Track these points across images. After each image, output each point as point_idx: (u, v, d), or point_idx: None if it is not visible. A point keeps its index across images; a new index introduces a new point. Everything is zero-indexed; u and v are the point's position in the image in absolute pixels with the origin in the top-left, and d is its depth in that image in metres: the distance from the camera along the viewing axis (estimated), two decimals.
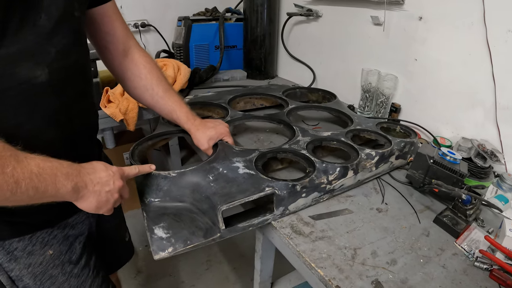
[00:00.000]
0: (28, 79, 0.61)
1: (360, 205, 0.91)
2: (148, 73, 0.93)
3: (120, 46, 0.89)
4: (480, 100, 1.12)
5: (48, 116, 0.67)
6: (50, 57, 0.63)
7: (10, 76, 0.58)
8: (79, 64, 0.73)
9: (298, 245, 0.76)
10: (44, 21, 0.60)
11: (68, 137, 0.74)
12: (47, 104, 0.66)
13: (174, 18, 1.99)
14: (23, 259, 0.74)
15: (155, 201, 0.83)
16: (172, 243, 0.73)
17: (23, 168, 0.54)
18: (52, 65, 0.64)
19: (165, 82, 0.97)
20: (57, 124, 0.70)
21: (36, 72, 0.62)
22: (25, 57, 0.59)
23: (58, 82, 0.66)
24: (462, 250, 0.79)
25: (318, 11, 1.68)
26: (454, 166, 0.91)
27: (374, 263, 0.73)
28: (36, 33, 0.59)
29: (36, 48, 0.60)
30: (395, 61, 1.38)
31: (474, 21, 1.08)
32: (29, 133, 0.64)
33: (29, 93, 0.62)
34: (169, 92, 0.97)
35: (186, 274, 1.92)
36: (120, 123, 1.48)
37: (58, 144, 0.71)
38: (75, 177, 0.62)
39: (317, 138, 1.03)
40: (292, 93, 1.47)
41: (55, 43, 0.64)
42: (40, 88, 0.63)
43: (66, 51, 0.67)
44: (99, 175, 0.66)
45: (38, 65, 0.62)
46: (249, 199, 0.75)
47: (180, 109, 0.98)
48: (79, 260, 0.84)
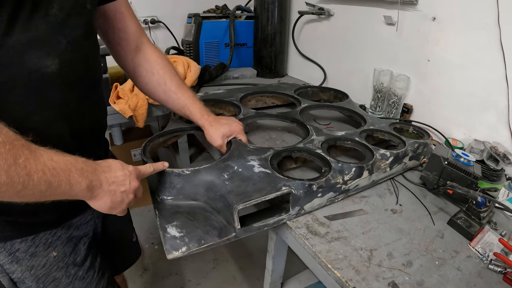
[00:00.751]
0: (38, 68, 0.59)
1: (375, 205, 0.90)
2: (161, 69, 0.92)
3: (133, 42, 0.88)
4: (493, 102, 1.11)
5: (57, 108, 0.65)
6: (61, 47, 0.62)
7: (19, 64, 0.56)
8: (90, 58, 0.72)
9: (314, 245, 0.75)
10: (55, 11, 0.59)
11: (76, 132, 0.71)
12: (56, 95, 0.64)
13: (184, 15, 1.98)
14: (25, 261, 0.72)
15: (168, 199, 0.83)
16: (186, 242, 0.72)
17: (36, 160, 0.51)
18: (63, 56, 0.62)
19: (178, 77, 0.96)
20: (66, 117, 0.68)
21: (46, 62, 0.59)
22: (36, 45, 0.57)
23: (68, 73, 0.64)
24: (476, 252, 0.78)
25: (330, 10, 1.67)
26: (468, 168, 0.91)
27: (390, 264, 0.72)
28: (47, 22, 0.58)
29: (47, 37, 0.59)
30: (408, 61, 1.37)
31: (488, 22, 1.07)
32: (37, 124, 0.62)
33: (39, 83, 0.60)
34: (182, 87, 0.96)
35: (192, 273, 1.92)
36: (129, 119, 1.48)
37: (66, 138, 0.69)
38: (90, 174, 0.59)
39: (332, 137, 1.02)
40: (303, 92, 1.46)
41: (66, 34, 0.62)
42: (50, 78, 0.61)
43: (77, 43, 0.65)
44: (115, 174, 0.64)
45: (48, 55, 0.60)
46: (265, 198, 0.75)
47: (193, 105, 0.97)
48: (83, 262, 0.82)
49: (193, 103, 0.97)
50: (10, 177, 0.47)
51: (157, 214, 0.79)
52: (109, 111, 1.44)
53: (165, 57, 0.96)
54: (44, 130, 0.63)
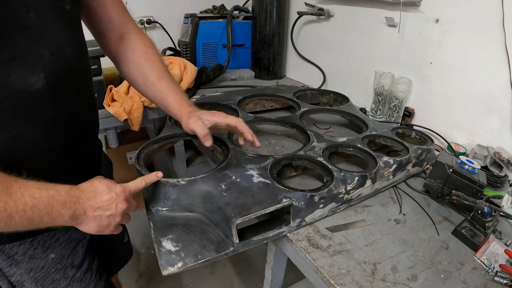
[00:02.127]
0: (24, 87, 0.57)
1: (378, 215, 0.87)
2: (142, 57, 0.86)
3: (116, 30, 0.84)
4: (496, 107, 1.09)
5: (49, 122, 0.64)
6: (44, 60, 0.60)
7: (4, 86, 0.55)
8: (77, 62, 0.70)
9: (316, 259, 0.72)
10: (33, 21, 0.57)
11: (69, 140, 0.71)
12: (46, 110, 0.63)
13: (180, 15, 1.95)
14: (24, 264, 0.72)
15: (163, 211, 0.80)
16: (181, 257, 0.69)
17: (16, 201, 0.51)
18: (47, 69, 0.61)
19: (160, 67, 0.88)
20: (58, 129, 0.67)
21: (31, 79, 0.58)
22: (18, 63, 0.56)
23: (56, 86, 0.63)
24: (482, 264, 0.76)
25: (330, 11, 1.64)
26: (473, 176, 0.89)
27: (394, 279, 0.69)
28: (26, 36, 0.56)
29: (28, 52, 0.57)
30: (410, 64, 1.34)
31: (492, 25, 1.04)
32: (29, 142, 0.62)
33: (27, 102, 0.59)
34: (163, 78, 0.87)
35: (189, 277, 1.89)
36: (124, 122, 1.45)
37: (59, 149, 0.69)
38: (73, 204, 0.58)
39: (333, 144, 0.99)
40: (303, 94, 1.43)
41: (48, 44, 0.60)
42: (38, 95, 0.60)
43: (61, 51, 0.63)
44: (100, 199, 0.62)
45: (32, 71, 0.58)
46: (265, 211, 0.72)
47: (172, 95, 0.87)
48: (81, 264, 0.82)
49: (172, 94, 0.88)
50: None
51: (151, 226, 0.76)
52: (103, 114, 1.42)
53: (150, 46, 0.89)
54: (36, 145, 0.63)
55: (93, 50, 1.38)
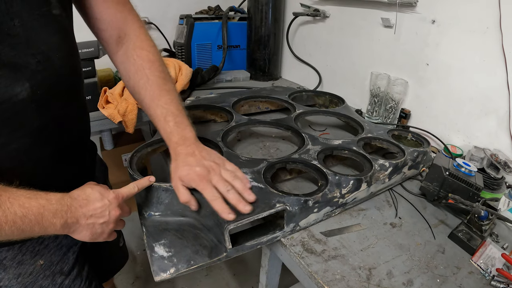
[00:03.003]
0: (8, 97, 0.55)
1: (373, 219, 0.86)
2: (136, 73, 0.76)
3: (114, 33, 0.76)
4: (493, 108, 1.08)
5: (35, 132, 0.62)
6: (31, 69, 0.57)
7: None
8: (66, 69, 0.66)
9: (310, 265, 0.71)
10: (17, 28, 0.54)
11: (57, 149, 0.69)
12: (32, 121, 0.61)
13: (175, 16, 1.94)
14: (12, 269, 0.71)
15: (156, 215, 0.79)
16: (174, 263, 0.68)
17: (5, 211, 0.50)
18: (33, 79, 0.58)
19: (155, 86, 0.77)
20: (45, 139, 0.65)
21: (15, 89, 0.56)
22: (1, 74, 0.54)
23: (42, 96, 0.60)
24: (478, 268, 0.75)
25: (326, 12, 1.63)
26: (469, 179, 0.88)
27: (390, 284, 0.68)
28: (10, 44, 0.54)
29: (12, 62, 0.54)
30: (406, 65, 1.33)
31: (489, 26, 1.04)
32: (15, 152, 0.60)
33: (10, 112, 0.57)
34: (157, 103, 0.76)
35: (185, 280, 1.88)
36: (118, 125, 1.43)
37: (46, 158, 0.67)
38: (64, 213, 0.58)
39: (328, 147, 0.98)
40: (298, 96, 1.42)
41: (34, 52, 0.57)
42: (22, 105, 0.58)
43: (48, 58, 0.60)
44: (93, 207, 0.61)
45: (16, 82, 0.56)
46: (258, 216, 0.70)
47: (163, 126, 0.76)
48: (71, 271, 0.80)
49: (163, 124, 0.76)
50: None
51: (144, 232, 0.75)
52: (98, 116, 1.41)
53: (148, 55, 0.78)
54: (23, 155, 0.62)
55: (87, 51, 1.37)
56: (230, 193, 0.69)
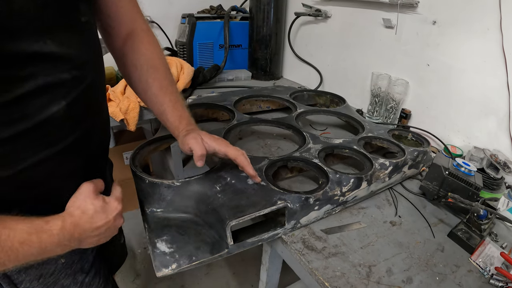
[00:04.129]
0: (45, 118, 0.54)
1: (373, 217, 0.87)
2: (145, 63, 0.78)
3: (123, 30, 0.77)
4: (493, 109, 1.09)
5: (69, 147, 0.62)
6: (66, 87, 0.56)
7: (24, 119, 0.52)
8: (96, 80, 0.66)
9: (310, 262, 0.72)
10: (49, 46, 0.52)
11: (87, 159, 0.69)
12: (67, 137, 0.61)
13: (177, 15, 1.94)
14: (33, 270, 0.69)
15: (158, 212, 0.79)
16: (176, 259, 0.69)
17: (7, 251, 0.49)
18: (69, 96, 0.57)
19: (165, 76, 0.80)
20: (78, 152, 0.65)
21: (52, 109, 0.55)
22: (38, 95, 0.52)
23: (77, 111, 0.60)
24: (477, 266, 0.76)
25: (327, 12, 1.64)
26: (469, 178, 0.88)
27: (389, 281, 0.69)
28: (45, 64, 0.52)
29: (48, 82, 0.53)
30: (407, 65, 1.34)
31: (490, 27, 1.04)
32: (50, 167, 0.60)
33: (47, 131, 0.56)
34: (166, 90, 0.79)
35: (185, 278, 1.88)
36: (120, 123, 1.44)
37: (79, 169, 0.67)
38: (67, 241, 0.56)
39: (329, 145, 0.99)
40: (299, 95, 1.43)
41: (69, 67, 0.56)
42: (58, 123, 0.57)
43: (82, 72, 0.59)
44: (96, 226, 0.59)
45: (54, 101, 0.55)
46: (259, 213, 0.71)
47: (173, 111, 0.80)
48: (90, 269, 0.80)
49: (172, 109, 0.80)
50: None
51: (146, 227, 0.76)
52: None
53: (155, 50, 0.81)
54: (57, 169, 0.62)
55: None
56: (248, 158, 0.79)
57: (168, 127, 0.83)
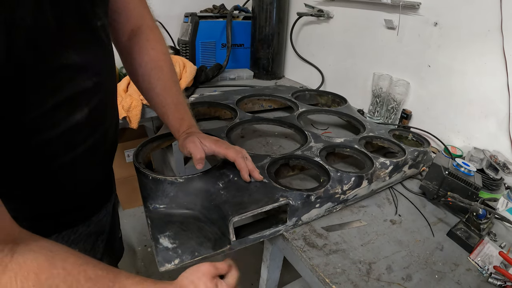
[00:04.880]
0: (69, 126, 0.56)
1: (374, 216, 0.88)
2: (150, 63, 0.78)
3: (129, 26, 0.77)
4: (493, 110, 1.10)
5: (89, 148, 0.63)
6: (88, 94, 0.58)
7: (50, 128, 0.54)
8: (111, 82, 0.67)
9: (311, 258, 0.73)
10: (71, 56, 0.52)
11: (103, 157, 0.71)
12: (88, 140, 0.62)
13: (180, 14, 1.95)
14: None
15: (160, 208, 0.80)
16: (178, 254, 0.69)
17: None
18: (91, 103, 0.59)
19: (168, 76, 0.81)
20: (96, 151, 0.66)
21: (76, 117, 0.57)
22: (64, 105, 0.54)
23: (97, 116, 0.62)
24: (476, 265, 0.77)
25: (330, 12, 1.65)
26: (468, 178, 0.89)
27: (389, 278, 0.70)
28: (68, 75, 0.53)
29: (73, 92, 0.54)
30: (408, 66, 1.35)
31: (490, 28, 1.05)
32: (72, 168, 0.61)
33: (71, 137, 0.58)
34: (168, 91, 0.80)
35: None
36: (122, 120, 1.45)
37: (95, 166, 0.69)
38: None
39: (330, 144, 1.00)
40: (301, 95, 1.44)
41: (90, 75, 0.57)
42: (80, 128, 0.59)
43: (101, 77, 0.60)
44: None
45: (77, 109, 0.56)
46: (262, 210, 0.72)
47: (174, 113, 0.81)
48: (101, 259, 0.81)
49: (174, 111, 0.81)
50: None
51: (149, 223, 0.76)
52: None
53: (161, 49, 0.81)
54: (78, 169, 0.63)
55: None
56: (248, 160, 0.80)
57: (169, 128, 0.85)
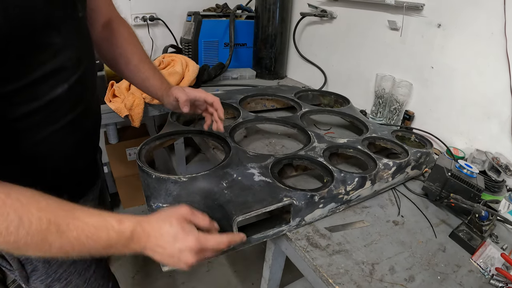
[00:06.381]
0: (50, 99, 0.62)
1: (376, 216, 0.88)
2: (124, 41, 0.91)
3: (102, 18, 0.89)
4: (496, 112, 1.10)
5: (69, 124, 0.68)
6: (68, 72, 0.64)
7: (35, 99, 0.59)
8: (91, 64, 0.74)
9: (315, 258, 0.73)
10: (55, 38, 0.59)
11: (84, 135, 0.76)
12: (67, 115, 0.67)
13: (183, 13, 1.95)
14: None
15: (164, 207, 0.79)
16: None
17: (72, 242, 0.50)
18: (70, 80, 0.65)
19: (142, 52, 0.94)
20: (76, 128, 0.71)
21: (57, 91, 0.62)
22: (46, 80, 0.60)
23: (76, 93, 0.68)
24: (478, 267, 0.77)
25: (333, 13, 1.65)
26: (471, 180, 0.90)
27: (392, 279, 0.70)
28: (52, 52, 0.59)
29: (54, 69, 0.60)
30: (411, 67, 1.35)
31: (494, 31, 1.05)
32: (53, 142, 0.66)
33: (51, 110, 0.63)
34: (144, 62, 0.93)
35: (186, 275, 1.89)
36: (124, 118, 1.45)
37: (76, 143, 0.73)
38: (134, 244, 0.56)
39: (334, 145, 1.00)
40: (304, 95, 1.44)
41: (70, 56, 0.64)
42: (60, 103, 0.64)
43: (80, 59, 0.67)
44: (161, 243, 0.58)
45: (58, 84, 0.62)
46: (266, 209, 0.72)
47: (154, 76, 0.94)
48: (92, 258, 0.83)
49: (153, 75, 0.94)
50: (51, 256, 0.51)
51: None
52: (104, 109, 1.42)
53: (132, 32, 0.94)
54: (59, 143, 0.68)
55: None
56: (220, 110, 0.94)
57: (151, 91, 0.96)
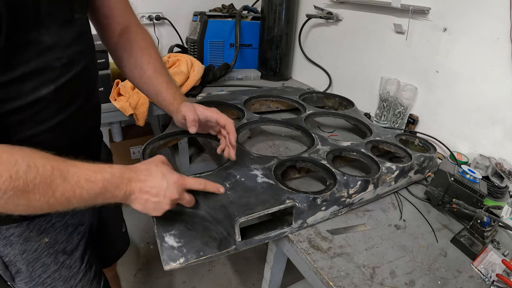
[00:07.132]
0: (35, 99, 0.61)
1: (378, 220, 0.88)
2: (140, 52, 0.87)
3: (118, 26, 0.87)
4: (500, 118, 1.10)
5: (56, 127, 0.68)
6: (55, 72, 0.63)
7: (18, 98, 0.59)
8: (86, 70, 0.72)
9: (316, 261, 0.73)
10: (44, 36, 0.58)
11: (74, 140, 0.74)
12: (54, 117, 0.66)
13: (189, 13, 1.96)
14: (18, 245, 0.73)
15: None
16: (184, 253, 0.69)
17: (73, 186, 0.54)
18: (57, 81, 0.63)
19: (158, 62, 0.90)
20: (65, 132, 0.70)
21: (42, 91, 0.61)
22: (30, 78, 0.59)
23: (64, 95, 0.66)
24: (479, 273, 0.77)
25: (339, 15, 1.65)
26: (474, 185, 0.90)
27: (392, 283, 0.70)
28: (38, 51, 0.58)
29: (39, 67, 0.59)
30: (416, 71, 1.35)
31: (500, 36, 1.05)
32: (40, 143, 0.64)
33: (36, 110, 0.62)
34: (159, 73, 0.89)
35: (187, 274, 1.90)
36: (129, 117, 1.46)
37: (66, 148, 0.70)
38: (125, 185, 0.62)
39: (337, 147, 1.00)
40: (308, 97, 1.44)
41: (59, 56, 0.62)
42: (46, 104, 0.63)
43: (72, 61, 0.66)
44: (150, 185, 0.64)
45: (43, 84, 0.61)
46: (268, 211, 0.73)
47: (167, 90, 0.89)
48: (73, 252, 0.83)
49: (166, 88, 0.89)
50: (51, 206, 0.54)
51: (154, 221, 0.77)
52: (109, 108, 1.43)
53: (149, 40, 0.91)
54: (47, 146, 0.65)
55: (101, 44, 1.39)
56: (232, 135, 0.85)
57: (163, 105, 0.91)
